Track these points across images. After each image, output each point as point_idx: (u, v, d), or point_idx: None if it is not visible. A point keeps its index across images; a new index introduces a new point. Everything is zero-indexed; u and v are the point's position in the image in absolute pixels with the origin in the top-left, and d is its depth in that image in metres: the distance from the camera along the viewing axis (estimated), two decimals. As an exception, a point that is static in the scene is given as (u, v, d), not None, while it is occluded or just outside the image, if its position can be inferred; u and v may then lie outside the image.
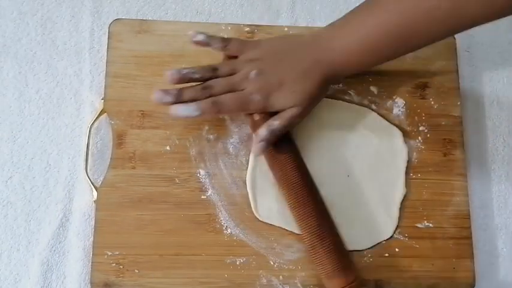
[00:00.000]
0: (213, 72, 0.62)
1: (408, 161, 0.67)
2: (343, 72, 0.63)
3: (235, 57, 0.64)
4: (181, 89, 0.61)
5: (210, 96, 0.61)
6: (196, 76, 0.62)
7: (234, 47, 0.63)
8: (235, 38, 0.65)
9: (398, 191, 0.66)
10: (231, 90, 0.61)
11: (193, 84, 0.62)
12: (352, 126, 0.68)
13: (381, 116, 0.68)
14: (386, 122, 0.68)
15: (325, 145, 0.67)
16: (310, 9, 0.74)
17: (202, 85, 0.61)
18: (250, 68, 0.61)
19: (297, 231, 0.64)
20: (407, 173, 0.67)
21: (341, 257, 0.60)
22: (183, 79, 0.61)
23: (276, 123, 0.61)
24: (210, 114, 0.61)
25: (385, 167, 0.67)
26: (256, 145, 0.61)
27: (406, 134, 0.68)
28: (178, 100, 0.61)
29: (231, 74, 0.62)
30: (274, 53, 0.63)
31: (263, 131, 0.60)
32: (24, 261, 0.63)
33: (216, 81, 0.61)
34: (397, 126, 0.68)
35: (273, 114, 0.62)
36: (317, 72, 0.61)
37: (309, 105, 0.62)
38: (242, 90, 0.61)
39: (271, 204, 0.64)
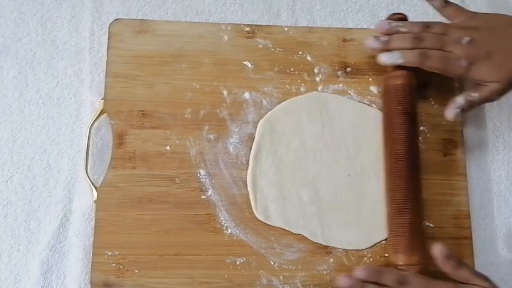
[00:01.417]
0: (422, 29, 0.64)
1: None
2: None
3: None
4: (391, 36, 0.64)
5: (417, 48, 0.63)
6: (404, 30, 0.64)
7: (451, 10, 0.65)
8: (455, 4, 0.66)
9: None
10: (439, 48, 0.63)
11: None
12: (354, 124, 0.68)
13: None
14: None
15: (326, 143, 0.67)
16: (310, 9, 0.74)
17: (414, 35, 0.64)
18: (463, 34, 0.63)
19: (296, 231, 0.64)
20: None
21: (412, 237, 0.61)
22: (391, 30, 0.65)
23: (475, 95, 0.62)
24: (413, 63, 0.63)
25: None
26: (451, 110, 0.63)
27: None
28: (386, 47, 0.64)
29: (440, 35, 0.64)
30: (490, 27, 0.63)
31: (461, 99, 0.62)
32: (24, 261, 0.63)
33: (428, 36, 0.63)
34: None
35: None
36: None
37: (509, 85, 0.62)
38: (449, 52, 0.63)
39: (271, 204, 0.64)
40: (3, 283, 0.62)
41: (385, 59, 0.65)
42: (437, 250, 0.58)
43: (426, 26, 0.65)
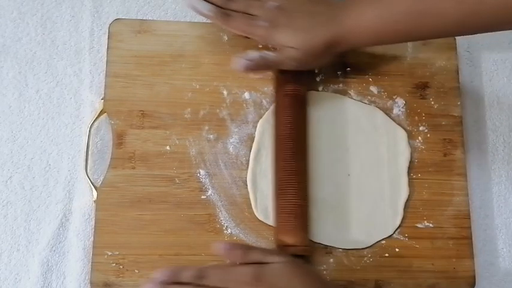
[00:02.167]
0: None
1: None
2: (351, 42, 0.62)
3: None
4: None
5: (224, 8, 0.64)
6: None
7: None
8: None
9: (402, 191, 0.66)
10: (245, 11, 0.64)
11: None
12: (355, 124, 0.68)
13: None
14: (392, 121, 0.68)
15: (326, 142, 0.67)
16: (310, 9, 0.74)
17: None
18: (273, 0, 0.64)
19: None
20: (407, 173, 0.67)
21: (294, 218, 0.61)
22: None
23: (270, 53, 0.63)
24: (218, 21, 0.64)
25: (387, 166, 0.67)
26: (240, 59, 0.62)
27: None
28: None
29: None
30: (302, 0, 0.64)
31: (255, 53, 0.62)
32: (24, 261, 0.63)
33: (237, 0, 0.64)
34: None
35: None
36: (328, 28, 0.61)
37: (308, 56, 0.63)
38: (255, 15, 0.63)
39: (271, 204, 0.64)
40: (3, 283, 0.62)
41: (194, 3, 0.64)
42: (217, 249, 0.56)
43: None
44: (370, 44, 0.66)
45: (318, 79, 0.69)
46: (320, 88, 0.69)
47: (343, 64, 0.70)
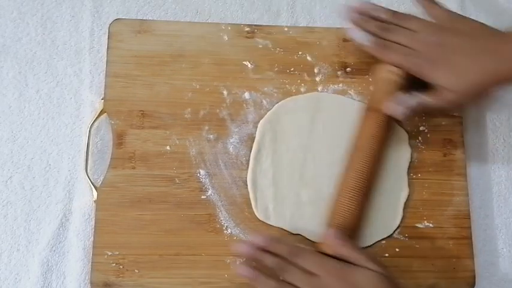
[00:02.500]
0: (395, 19, 0.64)
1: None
2: (510, 82, 0.60)
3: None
4: (368, 18, 0.64)
5: (383, 38, 0.64)
6: (375, 13, 0.64)
7: (436, 10, 0.64)
8: (441, 4, 0.65)
9: (402, 192, 0.66)
10: (404, 44, 0.62)
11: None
12: (355, 125, 0.68)
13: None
14: (393, 121, 0.68)
15: (326, 143, 0.67)
16: (310, 9, 0.74)
17: (384, 25, 0.64)
18: (435, 36, 0.62)
19: (296, 231, 0.64)
20: (407, 173, 0.67)
21: (350, 220, 0.61)
22: (363, 9, 0.64)
23: (427, 98, 0.61)
24: (376, 52, 0.64)
25: (387, 167, 0.67)
26: (397, 107, 0.61)
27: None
28: (357, 23, 0.64)
29: (411, 30, 0.63)
30: (465, 33, 0.61)
31: (412, 100, 0.61)
32: (24, 261, 0.63)
33: (397, 30, 0.63)
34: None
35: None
36: (494, 67, 0.59)
37: (468, 99, 0.61)
38: (414, 49, 0.62)
39: (271, 204, 0.64)
40: (3, 283, 0.62)
41: (354, 34, 0.66)
42: (330, 233, 0.57)
43: (400, 17, 0.64)
44: None
45: (317, 79, 0.69)
46: (320, 88, 0.69)
47: (343, 64, 0.70)
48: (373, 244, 0.65)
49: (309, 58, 0.70)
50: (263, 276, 0.56)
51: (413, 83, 0.64)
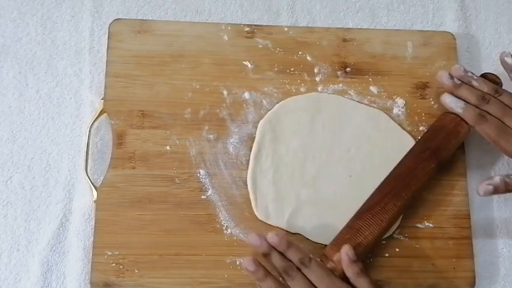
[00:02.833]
0: (492, 91, 0.64)
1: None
2: None
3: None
4: (464, 84, 0.64)
5: (479, 107, 0.63)
6: (475, 84, 0.64)
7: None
8: None
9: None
10: (499, 117, 0.62)
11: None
12: (355, 125, 0.68)
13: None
14: (399, 126, 0.68)
15: (326, 143, 0.67)
16: (310, 9, 0.74)
17: (483, 96, 0.63)
18: None
19: (296, 231, 0.64)
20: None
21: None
22: (463, 78, 0.64)
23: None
24: (470, 120, 0.63)
25: (388, 168, 0.66)
26: (484, 185, 0.60)
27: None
28: (455, 90, 0.64)
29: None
30: None
31: (498, 178, 0.59)
32: (24, 261, 0.63)
33: (494, 100, 0.63)
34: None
35: None
36: None
37: None
38: (508, 125, 0.62)
39: (271, 204, 0.64)
40: (3, 283, 0.62)
41: (448, 100, 0.64)
42: (345, 250, 0.57)
43: (498, 91, 0.64)
44: None
45: (317, 79, 0.69)
46: (320, 88, 0.69)
47: (343, 64, 0.70)
48: (373, 244, 0.65)
49: (309, 58, 0.70)
50: (265, 274, 0.56)
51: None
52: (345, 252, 0.57)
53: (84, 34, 0.70)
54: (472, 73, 0.65)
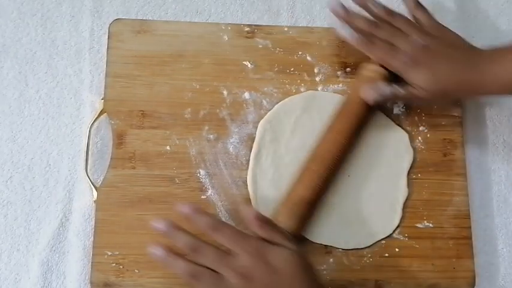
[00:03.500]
0: (386, 16, 0.66)
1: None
2: (486, 91, 0.65)
3: None
4: (356, 14, 0.67)
5: (371, 33, 0.66)
6: (371, 7, 0.67)
7: (421, 14, 0.67)
8: (426, 9, 0.67)
9: (401, 192, 0.66)
10: (389, 41, 0.65)
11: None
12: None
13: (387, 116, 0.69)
14: (393, 123, 0.68)
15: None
16: (310, 9, 0.74)
17: (372, 22, 0.66)
18: (420, 38, 0.64)
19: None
20: (407, 173, 0.67)
21: (299, 210, 0.61)
22: (363, 2, 0.67)
23: (401, 92, 0.64)
24: (361, 48, 0.66)
25: (387, 167, 0.67)
26: (370, 91, 0.64)
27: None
28: (347, 19, 0.67)
29: (399, 30, 0.66)
30: (446, 42, 0.65)
31: (387, 89, 0.64)
32: (24, 261, 0.63)
33: (383, 26, 0.66)
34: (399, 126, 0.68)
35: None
36: (466, 77, 0.63)
37: (436, 98, 0.67)
38: (397, 47, 0.64)
39: (271, 204, 0.64)
40: (3, 283, 0.62)
41: (338, 30, 0.68)
42: (246, 210, 0.58)
43: (391, 14, 0.66)
44: (503, 94, 0.67)
45: (317, 79, 0.69)
46: (320, 88, 0.69)
47: (343, 64, 0.70)
48: (373, 244, 0.65)
49: (308, 58, 0.70)
50: (173, 257, 0.56)
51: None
52: (248, 212, 0.57)
53: (84, 34, 0.70)
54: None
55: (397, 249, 0.65)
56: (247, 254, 0.55)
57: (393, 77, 0.65)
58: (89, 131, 0.66)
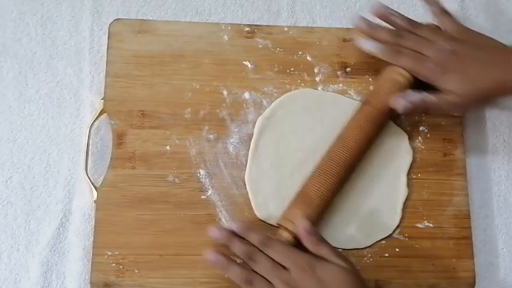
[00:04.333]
0: (410, 27, 0.66)
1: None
2: None
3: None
4: (380, 26, 0.66)
5: (397, 44, 0.65)
6: (393, 19, 0.67)
7: (446, 19, 0.67)
8: (452, 14, 0.67)
9: (401, 192, 0.66)
10: (416, 49, 0.64)
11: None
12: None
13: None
14: (393, 122, 0.68)
15: (326, 143, 0.66)
16: (310, 9, 0.74)
17: (396, 32, 0.66)
18: (447, 44, 0.64)
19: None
20: (407, 173, 0.67)
21: (311, 210, 0.61)
22: (384, 14, 0.67)
23: (431, 97, 0.63)
24: (387, 59, 0.65)
25: (387, 167, 0.67)
26: (403, 101, 0.63)
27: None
28: (370, 32, 0.66)
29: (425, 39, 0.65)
30: (475, 45, 0.64)
31: (416, 96, 0.63)
32: (24, 261, 0.63)
33: (409, 36, 0.65)
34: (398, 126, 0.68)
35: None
36: (500, 78, 0.62)
37: (470, 103, 0.65)
38: (426, 56, 0.64)
39: (271, 204, 0.64)
40: (3, 283, 0.62)
41: (362, 43, 0.67)
42: (301, 225, 0.58)
43: (415, 25, 0.66)
44: None
45: (317, 79, 0.69)
46: (320, 88, 0.69)
47: (343, 64, 0.70)
48: (373, 244, 0.65)
49: (309, 58, 0.70)
50: (229, 263, 0.58)
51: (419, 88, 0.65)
52: (302, 227, 0.58)
53: (84, 34, 0.70)
54: (391, 9, 0.67)
55: (397, 249, 0.65)
56: (299, 269, 0.56)
57: (418, 87, 0.65)
58: (89, 131, 0.66)
